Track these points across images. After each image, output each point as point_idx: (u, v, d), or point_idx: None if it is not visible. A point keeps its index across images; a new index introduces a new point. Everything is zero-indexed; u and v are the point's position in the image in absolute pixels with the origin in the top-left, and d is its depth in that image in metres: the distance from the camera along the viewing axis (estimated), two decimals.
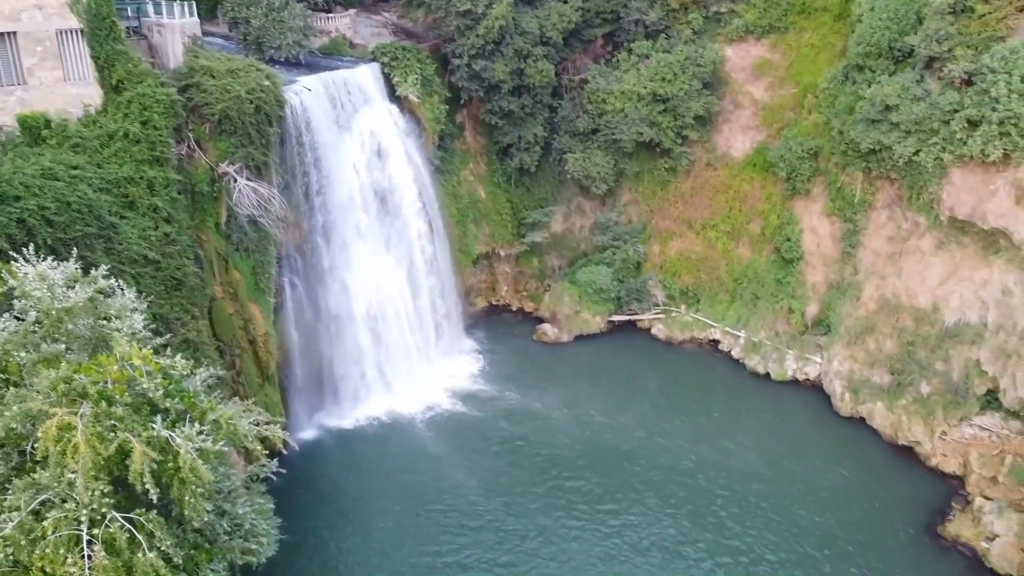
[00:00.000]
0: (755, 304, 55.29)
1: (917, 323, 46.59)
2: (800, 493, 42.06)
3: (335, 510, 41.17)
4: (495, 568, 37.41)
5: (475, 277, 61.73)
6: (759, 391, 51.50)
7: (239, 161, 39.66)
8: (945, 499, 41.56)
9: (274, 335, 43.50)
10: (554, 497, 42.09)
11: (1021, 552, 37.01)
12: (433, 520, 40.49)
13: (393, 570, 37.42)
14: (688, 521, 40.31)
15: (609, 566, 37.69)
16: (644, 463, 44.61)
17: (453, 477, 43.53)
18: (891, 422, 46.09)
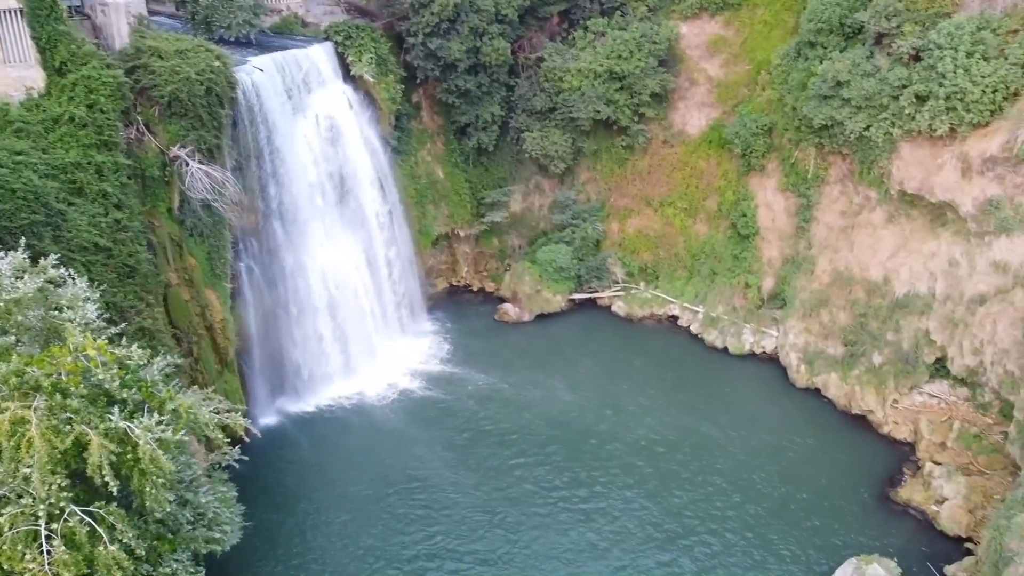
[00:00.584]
0: (712, 280, 56.09)
1: (869, 295, 47.76)
2: (760, 463, 43.04)
3: (299, 496, 41.00)
4: (465, 553, 37.58)
5: (435, 258, 61.53)
6: (718, 365, 52.40)
7: (190, 144, 38.84)
8: (897, 465, 42.89)
9: (232, 321, 42.93)
10: (522, 476, 42.42)
11: (969, 514, 38.44)
12: (400, 504, 40.53)
13: (359, 556, 37.44)
14: (655, 495, 40.95)
15: (580, 546, 38.15)
16: (610, 439, 45.17)
17: (418, 459, 43.61)
18: (845, 392, 47.32)
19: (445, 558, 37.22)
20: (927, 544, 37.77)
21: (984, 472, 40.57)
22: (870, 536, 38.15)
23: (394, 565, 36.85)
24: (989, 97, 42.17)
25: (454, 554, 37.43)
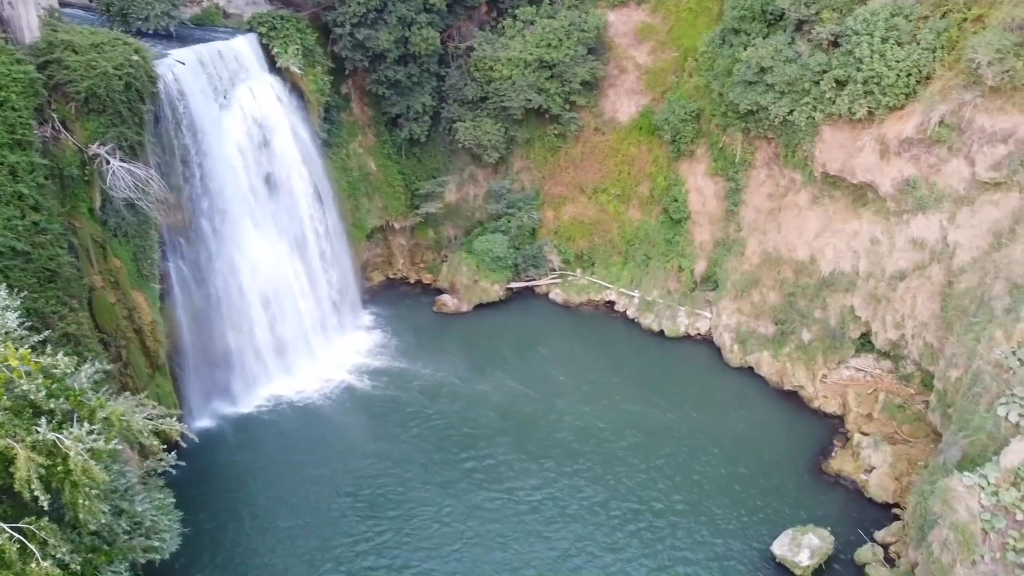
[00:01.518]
0: (647, 264, 57.00)
1: (797, 275, 49.27)
2: (700, 443, 44.06)
3: (239, 499, 40.20)
4: (415, 550, 37.36)
5: (370, 251, 60.86)
6: (655, 348, 53.36)
7: (110, 142, 37.37)
8: (828, 437, 44.50)
9: (162, 323, 41.68)
10: (468, 468, 42.43)
11: (895, 481, 40.18)
12: (346, 503, 40.12)
13: (305, 559, 36.92)
14: (601, 479, 41.54)
15: (529, 535, 38.45)
16: (554, 427, 45.58)
17: (363, 456, 43.21)
18: (777, 369, 48.79)
19: (394, 557, 36.96)
20: (858, 512, 39.33)
21: (908, 440, 42.43)
22: (805, 507, 39.53)
23: (342, 567, 36.42)
24: (904, 81, 43.87)
25: (403, 552, 37.21)
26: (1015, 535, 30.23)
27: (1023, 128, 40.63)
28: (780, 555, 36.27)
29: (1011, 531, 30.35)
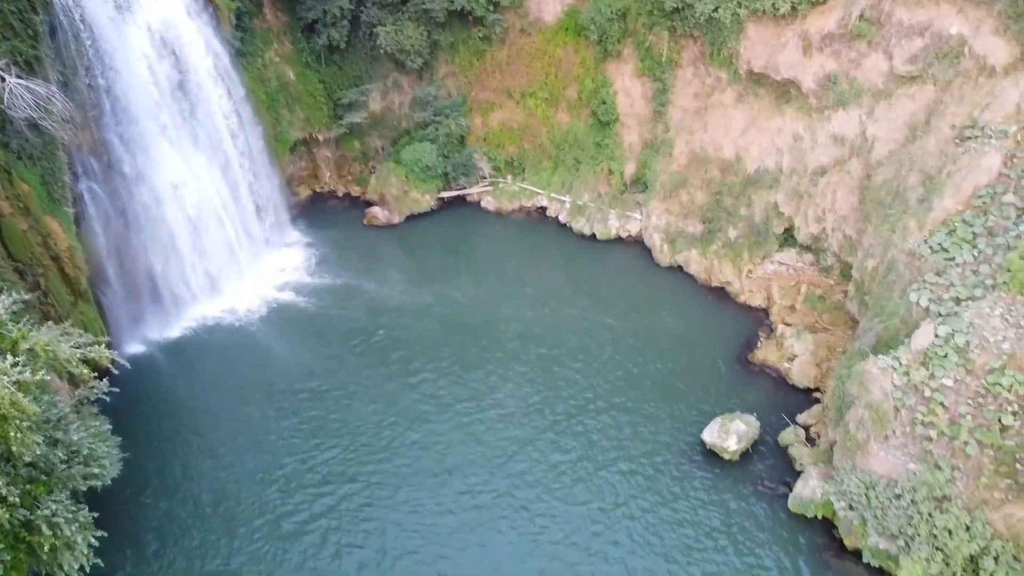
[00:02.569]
0: (577, 168, 57.03)
1: (723, 173, 50.10)
2: (635, 341, 45.47)
3: (180, 424, 39.95)
4: (360, 469, 37.84)
5: (295, 165, 59.14)
6: (588, 252, 54.07)
7: (4, 57, 34.79)
8: (753, 330, 46.40)
9: (80, 248, 40.07)
10: (410, 382, 42.89)
11: (816, 367, 42.41)
12: (288, 424, 40.24)
13: (255, 479, 37.20)
14: (542, 383, 42.66)
15: (473, 440, 39.44)
16: (493, 334, 46.21)
17: (301, 374, 43.14)
18: (705, 267, 50.19)
19: (339, 476, 37.46)
20: (781, 398, 41.55)
21: (828, 329, 44.60)
22: (733, 396, 41.54)
23: (292, 484, 36.84)
24: None
25: (348, 470, 37.71)
26: (923, 410, 32.52)
27: (938, 21, 41.44)
28: (710, 442, 38.24)
29: (919, 407, 32.62)
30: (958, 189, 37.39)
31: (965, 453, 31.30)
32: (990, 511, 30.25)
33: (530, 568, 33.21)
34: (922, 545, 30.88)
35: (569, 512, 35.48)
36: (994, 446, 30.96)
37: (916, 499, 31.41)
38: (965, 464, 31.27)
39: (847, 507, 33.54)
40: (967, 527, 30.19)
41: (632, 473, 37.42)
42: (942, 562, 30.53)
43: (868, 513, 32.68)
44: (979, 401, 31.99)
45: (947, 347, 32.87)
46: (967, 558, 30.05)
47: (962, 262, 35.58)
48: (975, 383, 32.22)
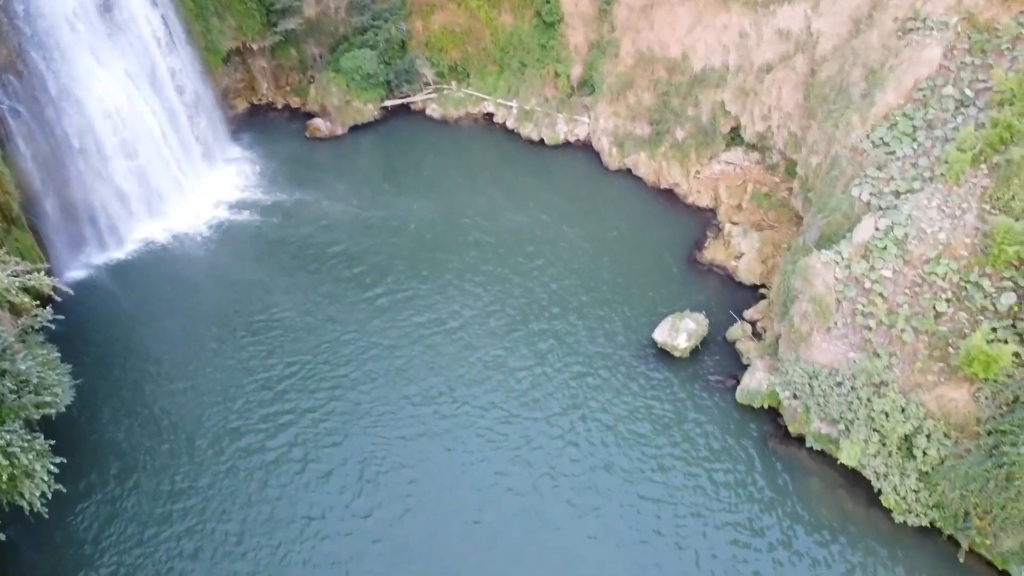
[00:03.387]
0: (523, 72, 55.82)
1: (670, 73, 49.59)
2: (587, 245, 45.85)
3: (131, 349, 39.43)
4: (318, 385, 38.05)
5: (229, 77, 56.67)
6: (537, 158, 53.60)
7: None
8: (702, 230, 47.06)
9: (7, 172, 38.32)
10: (367, 292, 42.80)
11: (762, 264, 43.43)
12: (243, 342, 40.01)
13: (216, 404, 37.16)
14: (497, 290, 42.99)
15: (431, 349, 39.83)
16: (446, 245, 46.05)
17: (255, 293, 42.64)
18: (653, 169, 50.30)
19: (301, 395, 37.65)
20: (729, 295, 42.64)
21: (774, 226, 45.46)
22: (682, 296, 42.46)
23: (247, 409, 36.88)
24: None
25: (310, 388, 37.90)
26: (863, 301, 33.77)
27: None
28: (661, 341, 39.29)
29: (860, 298, 33.86)
30: (900, 83, 37.73)
31: (902, 340, 32.78)
32: (924, 393, 31.97)
33: (490, 471, 34.28)
34: (861, 428, 32.62)
35: (528, 418, 36.42)
36: (929, 332, 32.47)
37: (856, 386, 32.98)
38: (902, 351, 32.79)
39: (791, 396, 35.10)
40: (902, 409, 31.92)
41: (587, 376, 38.40)
42: (879, 442, 32.39)
43: (811, 401, 34.27)
44: (916, 290, 33.31)
45: (887, 239, 33.89)
46: (902, 437, 31.91)
47: (903, 155, 36.28)
48: (912, 273, 33.47)
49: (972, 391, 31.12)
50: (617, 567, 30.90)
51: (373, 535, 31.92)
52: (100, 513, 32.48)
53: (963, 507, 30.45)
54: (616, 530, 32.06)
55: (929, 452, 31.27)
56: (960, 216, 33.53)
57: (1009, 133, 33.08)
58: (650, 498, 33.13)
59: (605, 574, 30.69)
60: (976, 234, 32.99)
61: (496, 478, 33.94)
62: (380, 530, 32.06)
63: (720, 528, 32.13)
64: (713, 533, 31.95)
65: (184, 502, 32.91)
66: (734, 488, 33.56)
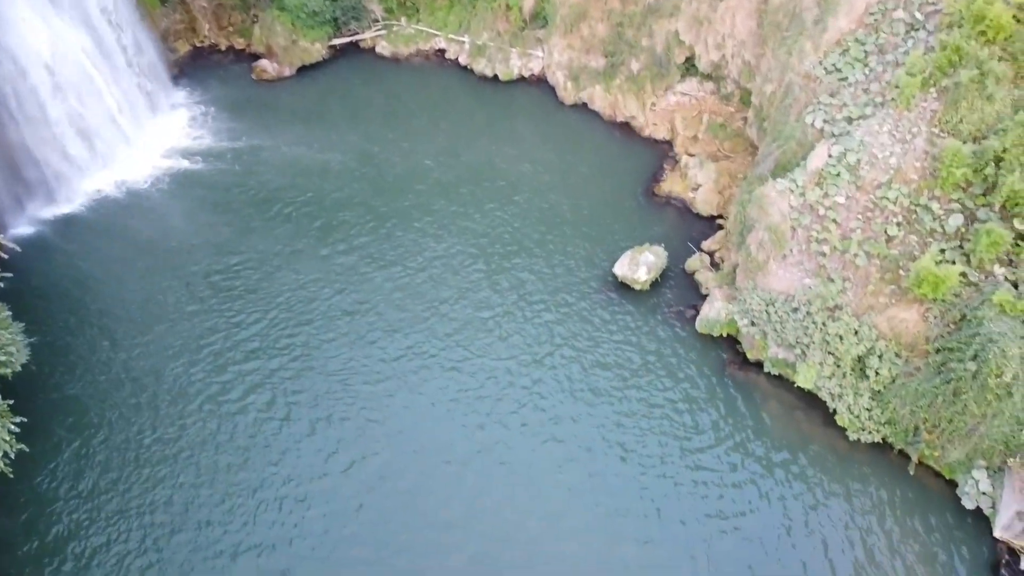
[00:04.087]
0: (474, 6, 54.46)
1: (624, 3, 48.75)
2: (545, 181, 45.74)
3: (85, 305, 38.63)
4: (292, 335, 37.79)
5: (168, 18, 54.34)
6: (491, 94, 52.81)
7: None
8: (659, 163, 47.17)
9: None
10: (329, 239, 42.27)
11: (718, 194, 43.81)
12: (198, 290, 39.44)
13: (170, 354, 36.76)
14: (455, 228, 42.80)
15: (385, 287, 39.71)
16: (404, 185, 45.48)
17: (212, 244, 41.85)
18: (609, 102, 49.96)
19: (261, 345, 37.38)
20: (687, 227, 43.09)
21: (729, 156, 45.73)
22: (641, 229, 42.79)
23: (214, 363, 36.51)
24: None
25: (270, 337, 37.61)
26: (818, 228, 34.40)
27: None
28: (621, 275, 39.69)
29: (814, 225, 34.47)
30: (851, 7, 37.68)
31: (855, 265, 33.59)
32: (876, 315, 32.96)
33: (458, 411, 34.73)
34: (816, 351, 33.62)
35: (495, 356, 36.76)
36: (880, 256, 33.30)
37: (811, 311, 33.85)
38: (855, 275, 33.63)
39: (749, 324, 35.92)
40: (855, 331, 32.92)
41: (550, 312, 38.76)
42: (833, 365, 33.47)
43: (768, 327, 35.13)
44: (868, 215, 34.00)
45: (839, 166, 34.37)
46: (855, 359, 33.00)
47: (854, 81, 36.51)
48: (865, 198, 34.10)
49: (922, 311, 32.17)
50: (587, 497, 31.83)
51: (343, 476, 32.33)
52: (68, 470, 32.28)
53: (913, 422, 31.82)
54: (584, 460, 32.92)
55: (881, 372, 32.43)
56: (910, 140, 34.07)
57: (958, 56, 33.44)
58: (615, 428, 33.96)
59: (575, 504, 31.58)
60: (926, 158, 33.61)
61: (465, 417, 34.44)
62: (349, 471, 32.47)
63: (683, 452, 33.16)
64: (676, 457, 32.99)
65: (152, 454, 32.86)
66: (695, 414, 34.54)
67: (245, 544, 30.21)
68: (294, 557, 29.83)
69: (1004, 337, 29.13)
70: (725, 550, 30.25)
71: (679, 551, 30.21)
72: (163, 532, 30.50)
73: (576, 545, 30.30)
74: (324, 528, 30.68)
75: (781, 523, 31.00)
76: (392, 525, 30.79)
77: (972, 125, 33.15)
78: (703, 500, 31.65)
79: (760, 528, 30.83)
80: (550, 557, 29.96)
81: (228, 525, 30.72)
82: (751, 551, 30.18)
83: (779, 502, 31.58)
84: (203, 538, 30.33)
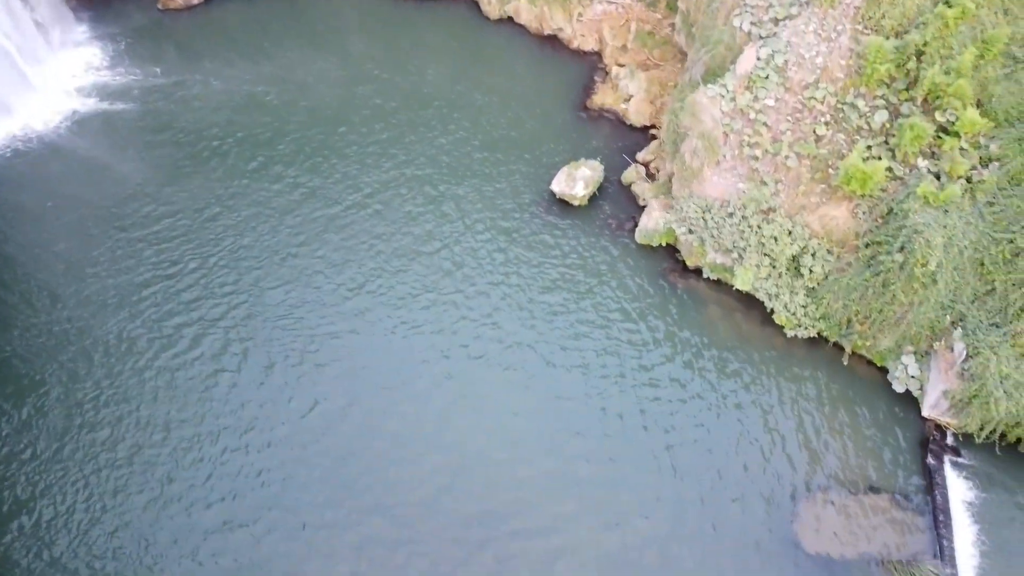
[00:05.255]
0: None
1: None
2: (475, 100, 44.84)
3: (7, 261, 36.91)
4: (218, 273, 36.98)
5: None
6: (414, 12, 50.90)
7: None
8: (589, 75, 46.64)
9: None
10: (261, 176, 40.92)
11: (650, 104, 43.73)
12: (130, 242, 38.02)
13: (101, 301, 35.72)
14: (401, 160, 41.85)
15: (337, 224, 38.99)
16: (338, 114, 44.02)
17: (134, 187, 40.12)
18: (535, 15, 48.81)
19: (202, 293, 36.46)
20: (621, 139, 43.03)
21: (659, 65, 45.47)
22: (575, 144, 42.60)
23: (148, 314, 35.52)
24: None
25: (210, 286, 36.66)
26: (749, 132, 34.76)
27: None
28: (559, 191, 39.66)
29: (746, 130, 34.81)
30: None
31: (786, 166, 34.21)
32: (808, 215, 33.83)
33: (408, 345, 34.75)
34: (752, 254, 34.47)
35: (442, 287, 36.51)
36: (810, 156, 33.95)
37: (746, 215, 34.53)
38: (787, 176, 34.29)
39: (687, 231, 36.51)
40: (789, 232, 33.80)
41: (492, 234, 38.66)
42: (769, 266, 34.43)
43: (705, 234, 35.77)
44: (797, 116, 34.46)
45: (768, 68, 34.53)
46: (790, 258, 34.00)
47: None
48: (793, 100, 34.47)
49: (851, 208, 33.12)
50: (548, 421, 32.47)
51: (301, 421, 32.28)
52: (9, 431, 31.45)
53: (846, 315, 33.18)
54: (542, 384, 33.38)
55: (815, 269, 33.52)
56: (835, 39, 34.32)
57: None
58: (568, 350, 34.46)
59: (536, 429, 32.16)
60: (850, 56, 33.97)
61: (421, 353, 34.36)
62: (308, 416, 32.42)
63: (629, 360, 34.02)
64: (623, 365, 33.84)
65: (104, 416, 32.13)
66: (639, 321, 35.32)
67: (209, 498, 30.04)
68: (259, 508, 29.81)
69: (928, 227, 30.31)
70: (687, 457, 31.34)
71: (642, 465, 31.18)
72: (124, 494, 30.10)
73: (539, 469, 31.00)
74: (285, 476, 30.65)
75: (735, 425, 32.24)
76: (354, 466, 30.95)
77: (894, 20, 33.52)
78: (659, 411, 32.61)
79: (716, 431, 32.03)
80: (515, 482, 30.63)
81: (191, 480, 30.48)
82: (710, 456, 31.37)
83: (732, 407, 32.80)
84: (166, 495, 30.07)
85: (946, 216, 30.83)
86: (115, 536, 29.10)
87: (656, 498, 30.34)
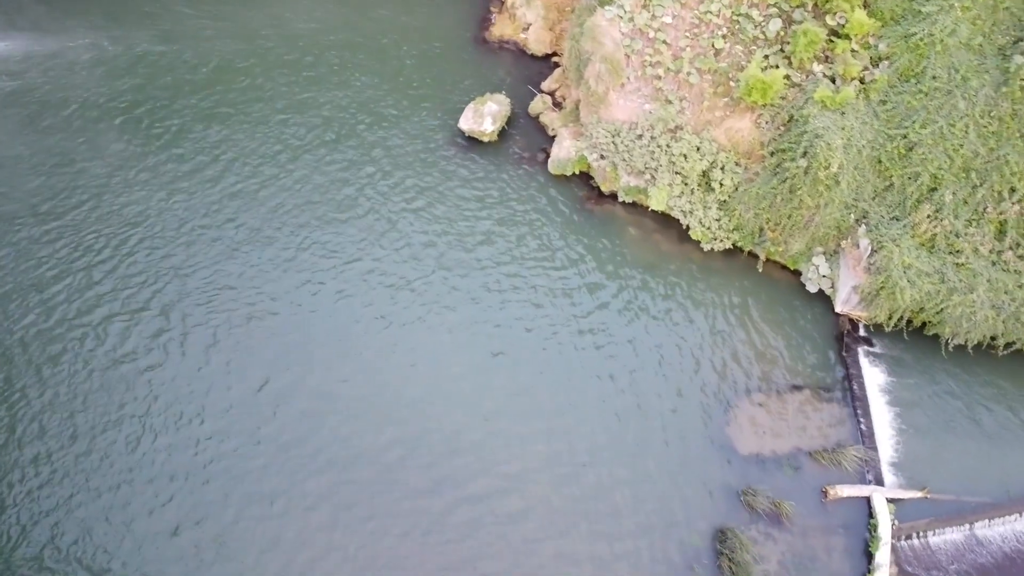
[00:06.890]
0: None
1: None
2: (374, 42, 43.19)
3: None
4: (133, 255, 35.30)
5: None
6: None
7: None
8: (484, 6, 45.54)
9: None
10: (165, 147, 38.65)
11: (550, 32, 43.19)
12: (23, 232, 35.77)
13: (27, 283, 33.79)
14: (307, 113, 40.23)
15: (251, 188, 37.44)
16: (235, 71, 41.64)
17: (18, 176, 37.60)
18: None
19: (115, 283, 34.73)
20: (524, 70, 42.50)
21: None
22: (478, 79, 41.84)
23: (55, 304, 33.90)
24: None
25: (126, 275, 34.72)
26: (650, 51, 34.82)
27: None
28: (467, 129, 39.09)
29: (647, 49, 34.85)
30: None
31: (689, 83, 34.53)
32: (714, 129, 34.39)
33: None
34: (664, 173, 34.95)
35: (373, 259, 35.38)
36: (711, 70, 34.32)
37: (655, 135, 34.85)
38: (690, 93, 34.65)
39: (599, 157, 36.68)
40: (698, 148, 34.33)
41: (403, 180, 37.93)
42: (681, 183, 35.02)
43: (617, 158, 36.02)
44: (695, 32, 34.66)
45: None
46: (700, 174, 34.63)
47: None
48: (690, 15, 34.62)
49: (754, 119, 33.80)
50: (498, 378, 32.48)
51: (243, 408, 31.44)
52: None
53: (757, 224, 34.20)
54: (485, 342, 33.12)
55: (725, 182, 34.27)
56: None
57: None
58: (504, 304, 34.26)
59: (485, 388, 32.12)
60: None
61: (357, 325, 33.41)
62: (253, 400, 31.66)
63: (552, 289, 34.36)
64: (546, 296, 34.18)
65: (45, 425, 30.67)
66: (560, 251, 35.59)
67: (168, 492, 29.17)
68: (212, 504, 28.97)
69: (828, 131, 31.26)
70: (623, 382, 32.08)
71: (593, 409, 31.65)
72: (79, 499, 29.03)
73: (491, 429, 31.04)
74: (244, 459, 29.95)
75: (664, 342, 33.07)
76: (307, 447, 30.32)
77: None
78: (592, 343, 33.08)
79: (645, 354, 32.78)
80: (471, 446, 30.65)
81: (143, 478, 29.45)
82: (644, 377, 32.21)
83: (659, 326, 33.57)
84: (121, 499, 29.02)
85: (843, 118, 31.83)
86: (76, 545, 28.19)
87: (602, 429, 31.13)
